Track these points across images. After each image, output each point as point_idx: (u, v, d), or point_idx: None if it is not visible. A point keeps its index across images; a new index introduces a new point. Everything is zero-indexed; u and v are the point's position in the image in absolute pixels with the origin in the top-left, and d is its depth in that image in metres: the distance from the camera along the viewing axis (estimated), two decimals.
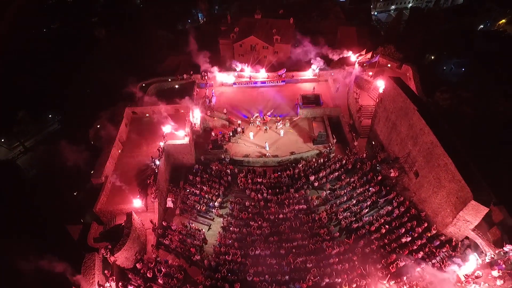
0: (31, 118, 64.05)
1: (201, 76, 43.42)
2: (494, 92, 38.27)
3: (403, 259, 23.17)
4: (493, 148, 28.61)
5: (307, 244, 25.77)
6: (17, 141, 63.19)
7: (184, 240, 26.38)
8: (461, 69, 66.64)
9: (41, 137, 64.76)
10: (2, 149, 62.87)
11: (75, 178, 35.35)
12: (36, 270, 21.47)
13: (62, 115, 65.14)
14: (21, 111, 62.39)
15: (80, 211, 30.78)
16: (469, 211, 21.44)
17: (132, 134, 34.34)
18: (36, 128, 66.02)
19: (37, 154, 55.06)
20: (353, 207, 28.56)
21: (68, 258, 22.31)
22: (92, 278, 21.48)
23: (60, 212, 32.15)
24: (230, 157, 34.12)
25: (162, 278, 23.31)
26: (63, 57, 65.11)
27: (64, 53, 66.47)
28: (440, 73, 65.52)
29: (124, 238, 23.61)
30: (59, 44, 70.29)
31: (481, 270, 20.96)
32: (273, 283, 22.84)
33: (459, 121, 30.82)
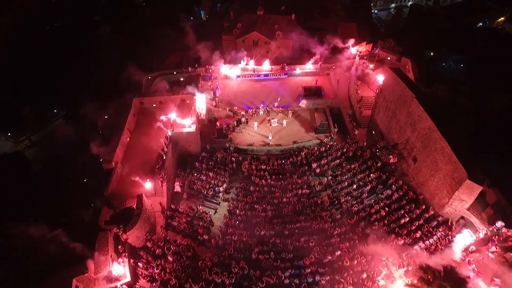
0: (36, 114, 65.19)
1: (206, 69, 44.58)
2: (490, 85, 39.40)
3: (402, 238, 24.31)
4: (488, 136, 29.72)
5: (310, 225, 26.89)
6: (23, 135, 64.27)
7: (192, 222, 27.51)
8: (460, 66, 67.50)
9: (46, 132, 65.80)
10: (8, 143, 63.98)
11: (85, 166, 36.46)
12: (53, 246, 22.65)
13: (67, 110, 66.27)
14: (26, 107, 63.53)
15: (91, 197, 31.76)
16: (464, 191, 22.58)
17: (139, 123, 35.46)
18: (41, 123, 67.13)
19: (45, 146, 55.99)
20: (354, 191, 29.70)
21: (82, 238, 23.48)
22: (106, 254, 22.58)
23: (71, 198, 33.18)
24: (235, 146, 35.26)
25: (172, 255, 24.43)
26: (68, 54, 66.23)
27: (69, 49, 67.58)
28: (439, 69, 66.51)
29: (136, 217, 24.77)
30: (64, 41, 71.40)
31: (475, 245, 22.06)
32: (278, 259, 23.99)
33: (455, 111, 31.93)
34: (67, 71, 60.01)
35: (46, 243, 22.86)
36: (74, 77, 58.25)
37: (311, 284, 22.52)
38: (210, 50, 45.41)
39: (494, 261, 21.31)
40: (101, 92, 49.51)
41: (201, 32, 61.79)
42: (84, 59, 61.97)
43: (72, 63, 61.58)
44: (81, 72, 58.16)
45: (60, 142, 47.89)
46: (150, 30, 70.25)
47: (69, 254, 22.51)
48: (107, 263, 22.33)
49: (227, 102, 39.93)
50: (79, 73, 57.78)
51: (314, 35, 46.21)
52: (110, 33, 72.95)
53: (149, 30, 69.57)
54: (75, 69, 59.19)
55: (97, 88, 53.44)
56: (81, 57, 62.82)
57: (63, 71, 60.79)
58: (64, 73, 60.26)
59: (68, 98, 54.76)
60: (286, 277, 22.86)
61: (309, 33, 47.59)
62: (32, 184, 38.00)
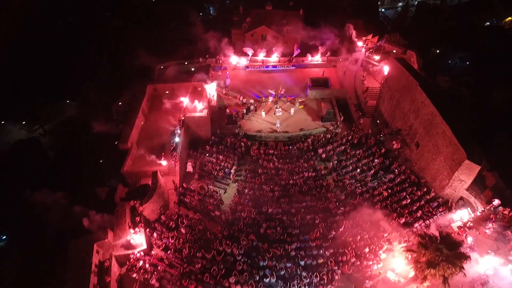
0: (50, 103, 67.25)
1: (216, 60, 46.05)
2: (493, 78, 40.37)
3: (403, 217, 25.55)
4: (488, 123, 30.84)
5: (315, 205, 28.22)
6: (37, 124, 66.32)
7: (203, 200, 29.00)
8: (465, 63, 68.02)
9: (59, 121, 67.75)
10: (23, 131, 66.07)
11: (100, 147, 38.15)
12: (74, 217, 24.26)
13: (80, 101, 68.29)
14: (40, 97, 65.61)
15: (106, 176, 33.40)
16: (463, 171, 23.77)
17: (153, 108, 37.05)
18: (54, 113, 69.16)
19: (58, 134, 57.88)
20: (358, 175, 30.97)
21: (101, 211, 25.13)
22: (124, 223, 24.14)
23: (88, 177, 34.88)
24: (244, 132, 36.67)
25: (184, 228, 25.92)
26: (81, 46, 68.29)
27: (82, 42, 69.65)
28: (445, 66, 67.23)
29: (151, 191, 26.32)
30: (76, 35, 73.50)
31: (473, 222, 23.25)
32: (285, 234, 25.37)
33: (458, 99, 33.05)
34: (80, 62, 62.01)
35: (68, 213, 24.52)
36: (87, 68, 60.22)
37: (316, 256, 23.86)
38: (219, 43, 46.96)
39: (490, 237, 22.50)
40: (114, 81, 51.27)
41: (210, 26, 63.36)
42: (96, 51, 63.92)
43: (85, 54, 63.56)
44: (95, 63, 59.99)
45: (75, 127, 49.95)
46: (161, 24, 72.06)
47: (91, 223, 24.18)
48: (124, 231, 23.88)
49: (237, 91, 41.31)
50: (93, 63, 59.53)
51: (321, 29, 47.51)
52: (123, 26, 74.75)
53: (161, 25, 71.35)
54: (89, 60, 61.03)
55: (111, 77, 55.12)
56: (94, 49, 64.74)
57: (77, 62, 62.87)
58: (78, 64, 62.34)
59: (82, 87, 56.53)
60: (293, 250, 24.23)
61: (317, 27, 48.85)
62: (49, 166, 39.98)
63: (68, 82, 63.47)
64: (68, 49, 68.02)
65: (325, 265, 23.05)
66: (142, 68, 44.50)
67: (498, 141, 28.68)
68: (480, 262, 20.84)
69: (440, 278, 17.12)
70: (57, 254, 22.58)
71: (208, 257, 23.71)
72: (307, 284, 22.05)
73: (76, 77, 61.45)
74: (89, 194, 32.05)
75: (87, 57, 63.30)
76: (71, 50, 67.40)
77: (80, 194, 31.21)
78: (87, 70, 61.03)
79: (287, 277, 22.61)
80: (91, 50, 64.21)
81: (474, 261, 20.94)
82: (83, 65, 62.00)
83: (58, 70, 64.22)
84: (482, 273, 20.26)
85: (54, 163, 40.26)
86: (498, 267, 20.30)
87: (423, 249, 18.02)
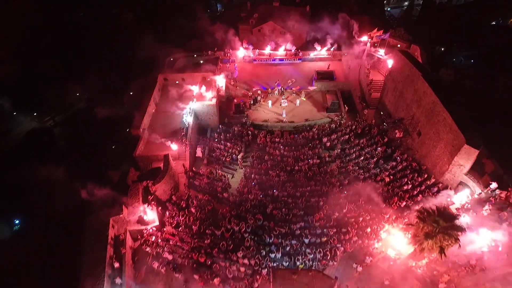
0: (60, 96, 68.94)
1: (224, 53, 47.33)
2: (497, 70, 41.16)
3: (404, 200, 26.63)
4: (488, 112, 31.79)
5: (320, 189, 29.38)
6: (48, 115, 68.05)
7: (212, 183, 30.28)
8: (470, 62, 68.58)
9: (69, 113, 69.46)
10: (34, 123, 67.81)
11: (113, 134, 39.63)
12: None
13: (89, 94, 69.97)
14: (51, 89, 67.28)
15: (119, 161, 34.82)
16: (463, 155, 24.80)
17: (164, 97, 38.43)
18: (64, 105, 70.90)
19: (69, 125, 59.49)
20: (361, 162, 32.05)
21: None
22: (137, 201, 25.49)
23: (100, 162, 36.35)
24: (251, 121, 37.88)
25: (194, 208, 27.20)
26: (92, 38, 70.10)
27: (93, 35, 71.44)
28: (449, 64, 67.82)
29: (163, 172, 27.67)
30: (86, 29, 75.33)
31: (470, 204, 24.27)
32: (290, 214, 26.57)
33: (460, 91, 33.97)
34: (91, 54, 63.77)
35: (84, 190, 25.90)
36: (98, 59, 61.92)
37: (320, 234, 25.03)
38: (227, 37, 48.31)
39: (487, 218, 23.49)
40: (125, 72, 52.80)
41: (218, 22, 64.74)
42: (107, 43, 65.57)
43: (96, 47, 65.27)
44: (105, 55, 61.66)
45: (85, 118, 51.54)
46: (169, 19, 73.51)
47: (105, 201, 25.54)
48: (138, 208, 25.26)
49: (244, 82, 42.56)
50: (104, 56, 61.17)
51: (327, 25, 48.63)
52: (133, 20, 76.39)
53: (169, 20, 72.79)
54: (100, 53, 62.70)
55: (122, 68, 56.62)
56: (105, 42, 66.40)
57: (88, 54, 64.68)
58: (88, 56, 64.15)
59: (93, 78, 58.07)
60: (297, 229, 25.42)
61: (322, 23, 49.98)
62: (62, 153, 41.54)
63: (78, 73, 65.27)
64: (79, 41, 69.98)
65: (328, 242, 24.18)
66: (152, 60, 45.90)
67: (498, 129, 29.53)
68: (476, 240, 21.85)
69: (437, 249, 18.18)
70: (75, 227, 23.78)
71: (217, 234, 24.98)
72: (311, 259, 23.27)
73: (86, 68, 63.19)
74: (102, 176, 33.37)
75: (97, 50, 64.94)
76: (82, 43, 69.35)
77: (92, 176, 32.47)
78: (97, 62, 62.68)
79: (292, 253, 23.83)
80: (102, 42, 65.75)
81: (470, 239, 22.01)
82: (94, 57, 63.75)
83: (68, 62, 66.13)
84: (478, 250, 21.30)
85: (66, 150, 41.71)
86: (492, 245, 21.31)
87: (421, 223, 19.08)
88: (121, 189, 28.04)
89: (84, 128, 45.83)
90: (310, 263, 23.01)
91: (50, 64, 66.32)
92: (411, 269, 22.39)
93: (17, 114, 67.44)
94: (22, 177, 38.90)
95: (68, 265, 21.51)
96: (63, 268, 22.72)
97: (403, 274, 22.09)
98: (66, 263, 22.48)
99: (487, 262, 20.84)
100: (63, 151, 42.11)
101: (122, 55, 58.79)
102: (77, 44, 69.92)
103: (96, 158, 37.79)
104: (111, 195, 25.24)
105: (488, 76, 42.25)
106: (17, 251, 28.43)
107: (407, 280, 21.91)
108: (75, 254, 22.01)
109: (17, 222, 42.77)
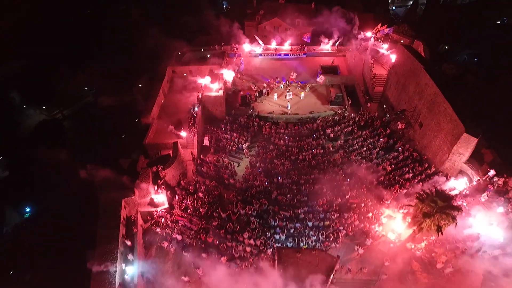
0: (68, 90, 70.41)
1: (231, 48, 48.42)
2: (500, 66, 41.86)
3: (405, 187, 27.53)
4: (488, 104, 32.61)
5: (323, 177, 30.28)
6: (56, 109, 69.56)
7: (219, 170, 31.33)
8: (473, 60, 68.94)
9: (77, 107, 70.97)
10: (43, 116, 69.34)
11: (122, 124, 40.84)
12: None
13: (97, 88, 71.40)
14: (60, 83, 68.77)
15: (128, 150, 36.00)
16: (462, 144, 25.65)
17: (172, 88, 39.57)
18: (73, 99, 72.41)
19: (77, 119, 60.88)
20: (364, 152, 32.94)
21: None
22: (147, 185, 26.56)
23: (111, 151, 37.58)
24: (256, 113, 38.88)
25: (202, 192, 28.26)
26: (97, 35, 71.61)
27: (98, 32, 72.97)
28: (452, 61, 68.19)
29: (173, 158, 28.74)
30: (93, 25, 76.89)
31: (469, 190, 25.14)
32: (294, 200, 27.56)
33: (462, 85, 34.76)
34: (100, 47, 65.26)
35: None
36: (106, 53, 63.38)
37: (323, 218, 25.99)
38: (234, 33, 49.44)
39: (484, 204, 24.36)
40: (133, 66, 54.08)
41: (224, 19, 65.91)
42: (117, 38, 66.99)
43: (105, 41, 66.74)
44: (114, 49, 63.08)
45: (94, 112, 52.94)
46: (177, 16, 74.88)
47: (117, 184, 26.67)
48: (148, 191, 26.31)
49: (250, 75, 43.63)
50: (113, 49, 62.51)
51: (331, 22, 49.62)
52: (140, 16, 77.62)
53: (177, 16, 74.18)
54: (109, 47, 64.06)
55: (130, 62, 57.88)
56: (112, 37, 67.81)
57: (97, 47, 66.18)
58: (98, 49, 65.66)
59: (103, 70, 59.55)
60: (301, 213, 26.40)
61: (327, 20, 50.98)
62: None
63: (86, 68, 66.70)
64: (86, 37, 71.47)
65: (331, 226, 25.14)
66: (159, 54, 46.99)
67: (499, 121, 30.37)
68: (473, 224, 22.75)
69: (434, 227, 19.08)
70: (88, 207, 24.96)
71: (224, 216, 26.02)
72: (314, 241, 24.24)
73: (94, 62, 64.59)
74: (112, 163, 34.50)
75: (105, 45, 66.36)
76: (90, 39, 70.86)
77: (103, 162, 33.63)
78: (105, 56, 64.17)
79: (295, 235, 24.82)
80: (110, 37, 67.14)
81: (467, 223, 22.92)
82: (101, 51, 65.22)
83: (77, 57, 67.63)
84: (475, 232, 22.20)
85: (76, 140, 43.08)
86: (488, 227, 22.19)
87: (420, 203, 19.99)
88: (131, 175, 29.13)
89: (93, 119, 47.01)
90: (313, 244, 24.00)
91: (59, 59, 67.85)
92: (410, 251, 23.35)
93: (27, 108, 69.23)
94: (34, 166, 40.38)
95: (83, 240, 22.65)
96: (78, 243, 23.84)
97: (403, 256, 23.05)
98: (80, 238, 23.60)
99: (483, 244, 21.73)
100: (73, 140, 43.26)
101: (130, 50, 60.04)
102: (85, 39, 71.40)
103: (106, 147, 38.95)
104: (122, 179, 26.32)
105: (490, 72, 43.04)
106: (34, 231, 29.74)
107: (408, 261, 22.89)
108: (90, 230, 23.17)
109: (28, 210, 44.30)
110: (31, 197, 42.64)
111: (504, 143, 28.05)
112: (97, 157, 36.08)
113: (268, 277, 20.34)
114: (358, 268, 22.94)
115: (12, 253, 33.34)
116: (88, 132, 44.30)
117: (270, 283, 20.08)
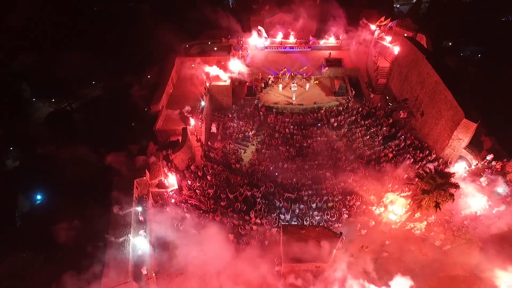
0: (76, 84, 71.77)
1: (237, 41, 49.49)
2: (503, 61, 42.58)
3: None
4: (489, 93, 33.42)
5: (327, 163, 31.34)
6: (65, 102, 71.00)
7: (226, 155, 32.45)
8: (477, 56, 69.29)
9: (85, 100, 72.32)
10: (51, 109, 70.83)
11: (132, 113, 42.12)
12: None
13: (104, 82, 72.68)
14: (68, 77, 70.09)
15: (138, 137, 37.24)
16: (462, 129, 26.51)
17: (180, 79, 40.77)
18: (81, 93, 73.80)
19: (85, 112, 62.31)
20: (367, 141, 33.90)
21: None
22: (158, 167, 27.72)
23: (121, 137, 38.87)
24: (262, 103, 39.93)
25: (210, 175, 29.39)
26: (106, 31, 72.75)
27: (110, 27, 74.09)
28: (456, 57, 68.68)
29: (182, 143, 29.88)
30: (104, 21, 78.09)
31: (468, 174, 26.04)
32: (299, 183, 28.60)
33: (463, 77, 35.58)
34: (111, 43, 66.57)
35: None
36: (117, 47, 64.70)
37: (326, 200, 27.02)
38: (240, 26, 50.60)
39: (482, 186, 25.23)
40: (142, 57, 55.40)
41: (231, 14, 67.06)
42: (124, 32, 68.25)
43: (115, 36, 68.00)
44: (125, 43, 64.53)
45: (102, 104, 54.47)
46: (184, 12, 76.00)
47: (128, 166, 27.90)
48: (159, 173, 27.47)
49: (256, 67, 44.69)
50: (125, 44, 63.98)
51: (336, 16, 50.59)
52: (149, 11, 79.01)
53: (184, 12, 75.28)
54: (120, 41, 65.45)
55: (139, 54, 59.14)
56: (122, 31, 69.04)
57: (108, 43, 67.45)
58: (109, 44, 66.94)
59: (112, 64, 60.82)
60: (306, 195, 27.44)
61: (332, 14, 51.98)
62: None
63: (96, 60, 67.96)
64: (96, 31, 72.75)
65: (334, 206, 26.15)
66: (167, 47, 48.19)
67: (499, 109, 31.19)
68: (471, 204, 23.66)
69: (433, 203, 20.03)
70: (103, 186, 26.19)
71: (231, 197, 27.12)
72: (318, 221, 25.26)
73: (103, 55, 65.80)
74: (122, 150, 35.72)
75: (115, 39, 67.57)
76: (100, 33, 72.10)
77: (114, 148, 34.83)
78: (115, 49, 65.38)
79: (300, 215, 25.87)
80: (119, 31, 68.38)
81: (466, 204, 23.85)
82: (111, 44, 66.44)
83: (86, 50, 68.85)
84: (473, 213, 23.12)
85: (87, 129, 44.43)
86: (486, 207, 23.11)
87: (419, 182, 20.95)
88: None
89: (102, 110, 48.35)
90: (317, 223, 25.02)
91: (68, 53, 69.15)
92: (410, 231, 24.32)
93: (36, 100, 70.73)
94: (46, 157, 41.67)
95: (100, 216, 23.93)
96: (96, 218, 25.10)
97: (404, 235, 24.05)
98: (97, 214, 24.85)
99: (480, 223, 22.65)
100: (83, 129, 44.63)
101: (141, 43, 61.33)
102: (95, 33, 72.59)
103: (115, 134, 40.23)
104: (135, 160, 27.56)
105: (492, 65, 43.80)
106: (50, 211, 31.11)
107: (407, 240, 23.88)
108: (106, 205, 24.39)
109: (39, 198, 45.73)
110: (42, 184, 44.13)
111: (503, 130, 28.85)
112: (108, 144, 37.60)
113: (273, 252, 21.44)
114: (359, 246, 23.93)
115: (26, 236, 34.67)
116: (97, 122, 45.52)
117: (274, 257, 21.22)
